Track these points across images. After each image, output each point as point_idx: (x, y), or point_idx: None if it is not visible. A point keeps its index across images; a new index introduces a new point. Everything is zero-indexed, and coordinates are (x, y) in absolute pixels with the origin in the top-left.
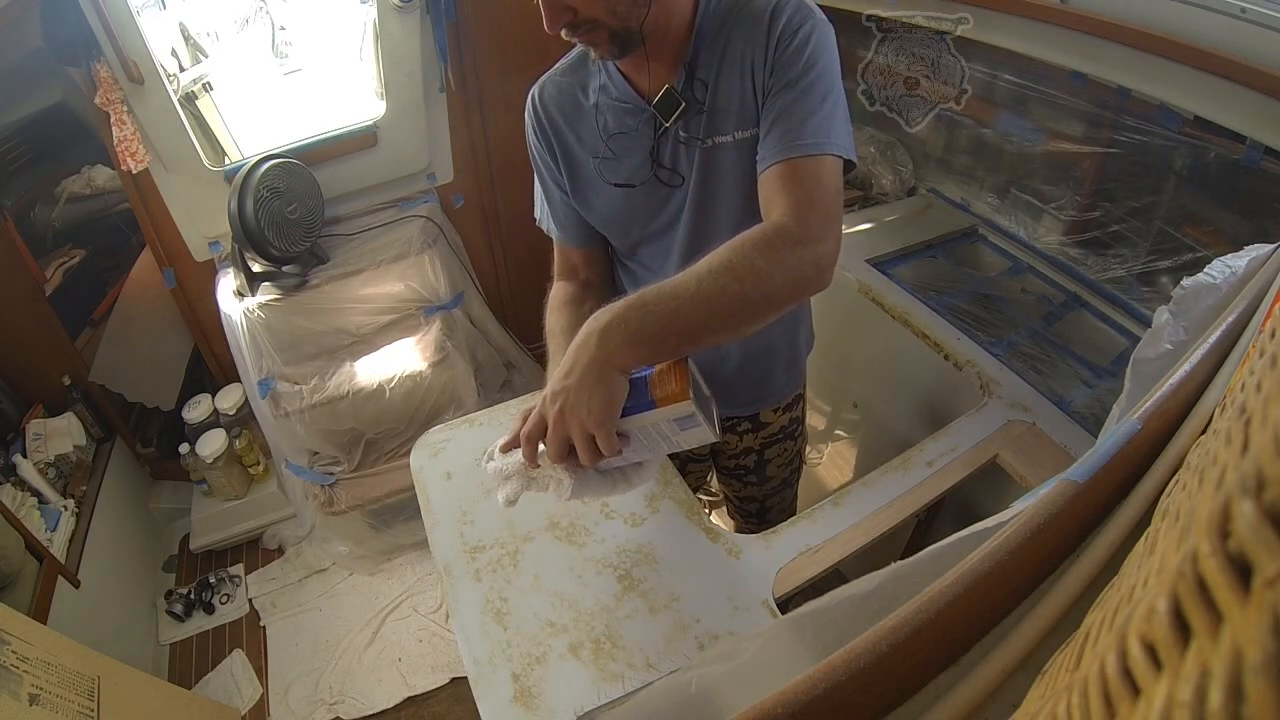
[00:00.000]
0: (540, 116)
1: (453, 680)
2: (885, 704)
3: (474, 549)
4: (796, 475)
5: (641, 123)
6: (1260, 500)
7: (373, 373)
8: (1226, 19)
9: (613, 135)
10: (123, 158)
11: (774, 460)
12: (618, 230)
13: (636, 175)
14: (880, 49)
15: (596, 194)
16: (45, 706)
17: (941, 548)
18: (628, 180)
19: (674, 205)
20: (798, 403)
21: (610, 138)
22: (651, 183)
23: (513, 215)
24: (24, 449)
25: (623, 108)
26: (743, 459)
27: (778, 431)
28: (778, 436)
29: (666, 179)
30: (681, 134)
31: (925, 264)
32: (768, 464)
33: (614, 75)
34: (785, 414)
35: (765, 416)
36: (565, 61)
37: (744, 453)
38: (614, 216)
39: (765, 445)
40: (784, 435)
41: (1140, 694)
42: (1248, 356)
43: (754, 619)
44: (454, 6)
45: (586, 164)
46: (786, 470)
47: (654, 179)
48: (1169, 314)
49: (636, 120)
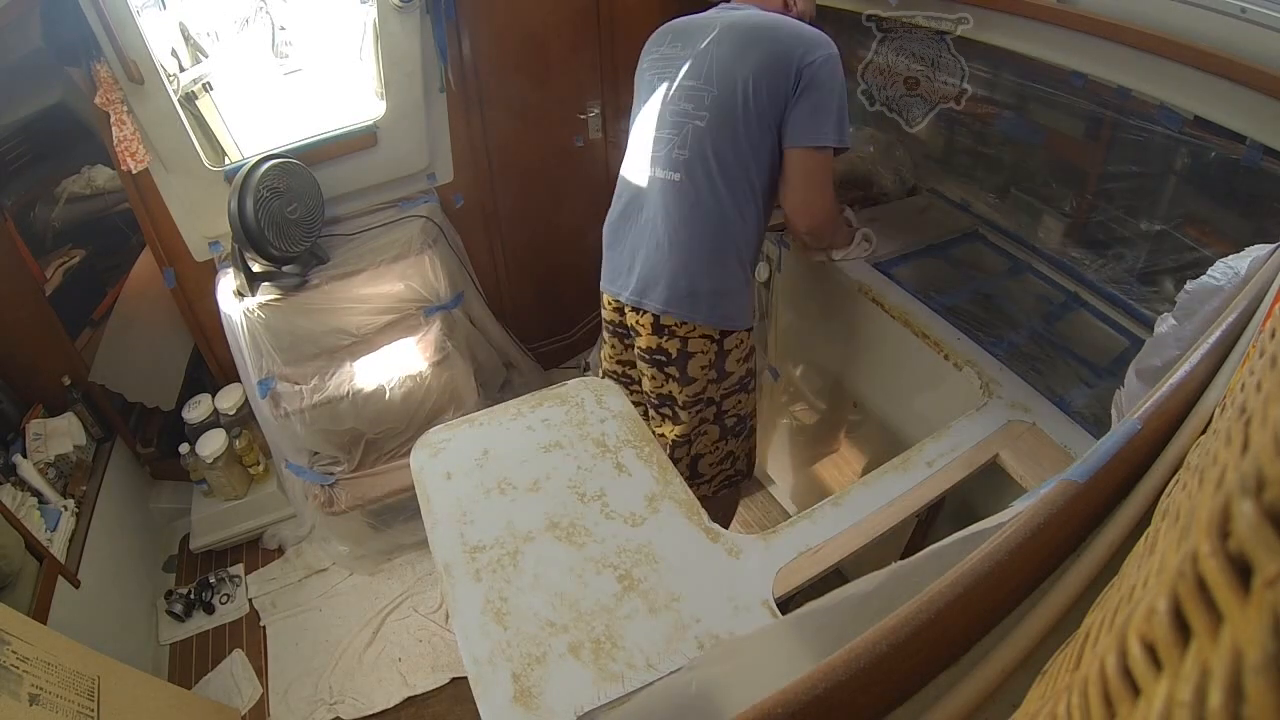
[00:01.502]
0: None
1: (453, 680)
2: (885, 704)
3: (474, 549)
4: (711, 424)
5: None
6: (1260, 500)
7: (373, 373)
8: (1226, 19)
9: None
10: (123, 158)
11: (648, 376)
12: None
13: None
14: (880, 49)
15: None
16: (45, 706)
17: (941, 548)
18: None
19: None
20: (683, 341)
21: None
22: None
23: (513, 215)
24: (24, 449)
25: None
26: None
27: (655, 349)
28: (654, 355)
29: None
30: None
31: (925, 264)
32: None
33: None
34: (668, 338)
35: (665, 320)
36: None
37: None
38: None
39: (643, 355)
40: (657, 360)
41: (1140, 694)
42: (1248, 356)
43: (754, 619)
44: (454, 6)
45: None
46: (664, 399)
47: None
48: (1172, 321)
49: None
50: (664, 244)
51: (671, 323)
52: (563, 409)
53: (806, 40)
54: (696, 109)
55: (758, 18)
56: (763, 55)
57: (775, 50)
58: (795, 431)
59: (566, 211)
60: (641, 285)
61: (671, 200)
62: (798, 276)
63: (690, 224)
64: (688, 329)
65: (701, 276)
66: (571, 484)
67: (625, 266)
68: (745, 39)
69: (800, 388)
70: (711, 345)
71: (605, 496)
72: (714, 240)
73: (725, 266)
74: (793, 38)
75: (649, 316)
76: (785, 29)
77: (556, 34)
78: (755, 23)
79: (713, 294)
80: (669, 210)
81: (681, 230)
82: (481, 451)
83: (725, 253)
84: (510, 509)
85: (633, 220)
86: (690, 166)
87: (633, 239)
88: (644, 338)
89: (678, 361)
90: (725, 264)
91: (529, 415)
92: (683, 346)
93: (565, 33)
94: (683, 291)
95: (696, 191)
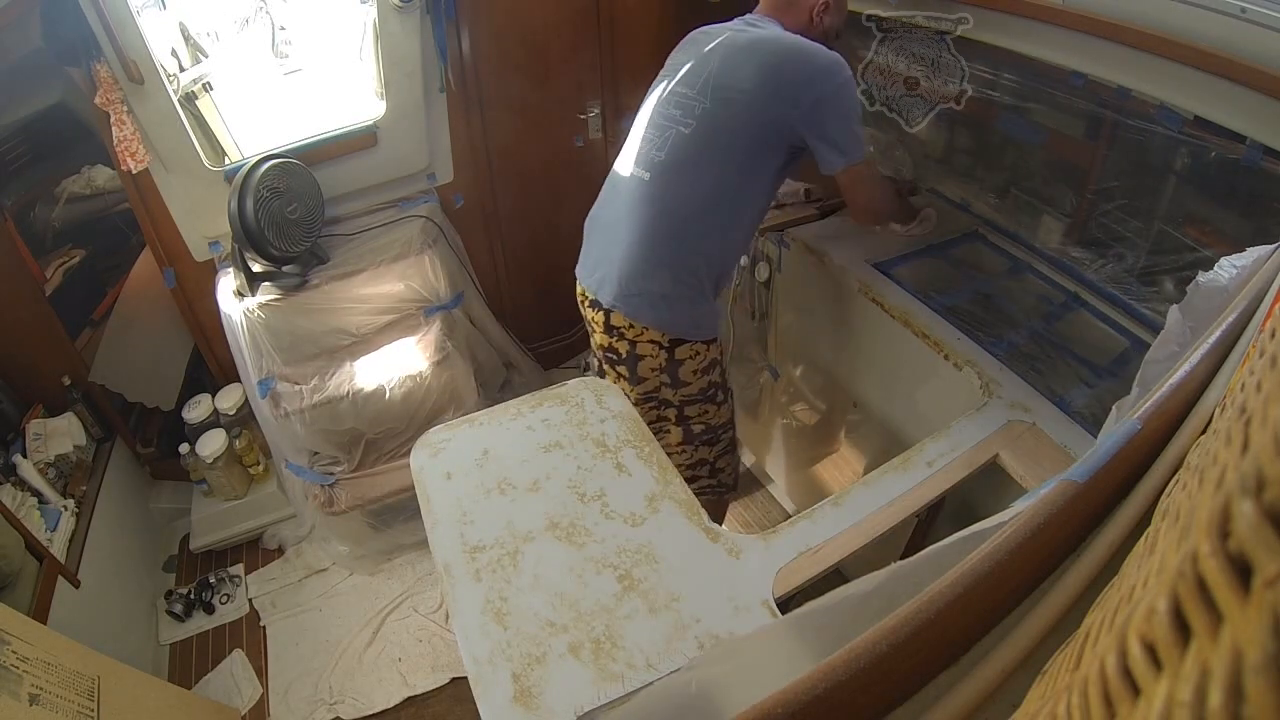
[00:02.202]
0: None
1: (453, 680)
2: (885, 704)
3: (474, 549)
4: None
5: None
6: (1260, 500)
7: (373, 373)
8: (1226, 19)
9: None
10: (123, 158)
11: (607, 371)
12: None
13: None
14: (880, 49)
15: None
16: (45, 706)
17: (941, 548)
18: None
19: None
20: (631, 344)
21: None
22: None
23: (513, 215)
24: (24, 449)
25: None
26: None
27: (607, 348)
28: (606, 352)
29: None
30: None
31: (925, 264)
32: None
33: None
34: (618, 338)
35: (614, 320)
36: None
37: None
38: None
39: (597, 351)
40: (609, 358)
41: (1140, 694)
42: (1248, 356)
43: (754, 619)
44: (454, 6)
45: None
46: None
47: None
48: (1180, 314)
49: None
50: (621, 241)
51: (621, 323)
52: (563, 409)
53: (817, 73)
54: (685, 116)
55: (768, 44)
56: (770, 85)
57: (785, 82)
58: (795, 431)
59: (566, 211)
60: (599, 280)
61: (638, 199)
62: (798, 276)
63: (649, 225)
64: (635, 331)
65: (650, 279)
66: (571, 484)
67: (590, 259)
68: (753, 63)
69: (800, 388)
70: (660, 351)
71: (605, 496)
72: (671, 246)
73: (678, 275)
74: (803, 71)
75: (602, 313)
76: (796, 59)
77: (556, 34)
78: (766, 49)
79: (660, 298)
80: (633, 208)
81: (639, 230)
82: (481, 451)
83: (681, 261)
84: (510, 509)
85: (604, 214)
86: (663, 169)
87: (601, 233)
88: (598, 334)
89: (627, 361)
90: (678, 273)
91: (529, 415)
92: (631, 349)
93: (565, 33)
94: (631, 291)
95: (663, 195)
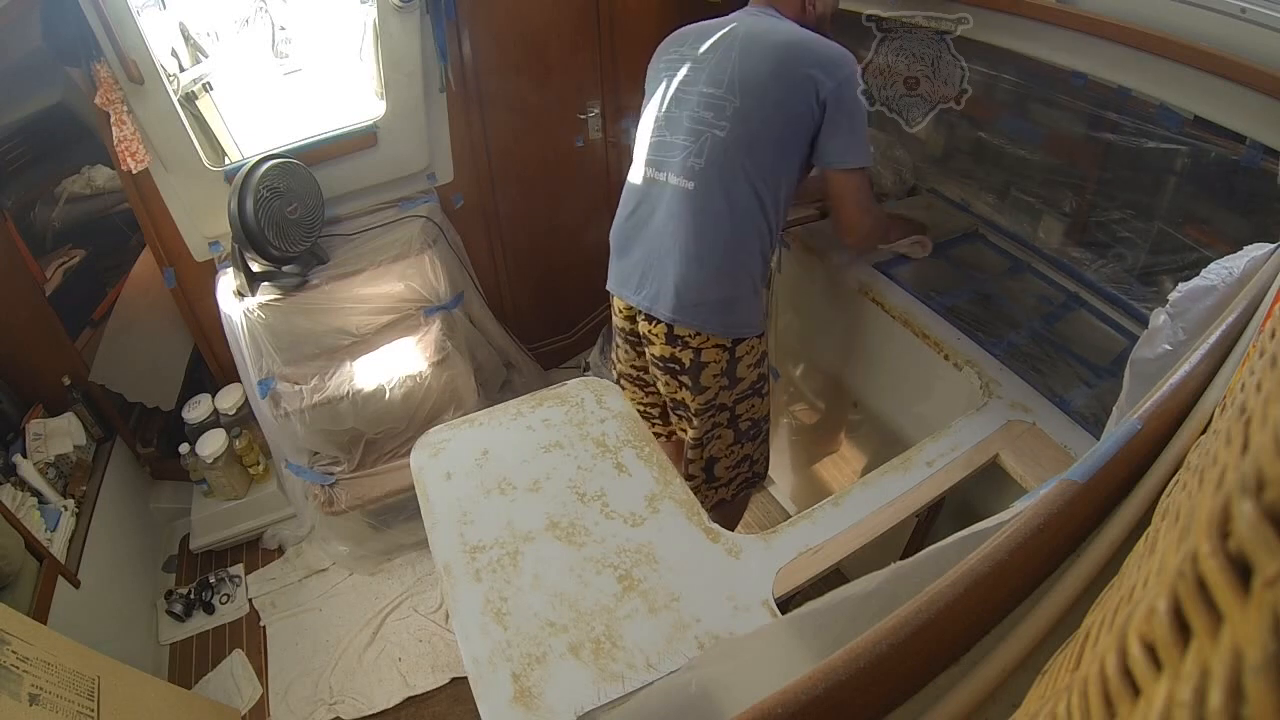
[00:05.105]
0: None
1: (453, 680)
2: (885, 704)
3: (474, 549)
4: (717, 435)
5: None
6: (1260, 500)
7: (373, 373)
8: (1226, 19)
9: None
10: (123, 158)
11: (662, 382)
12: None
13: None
14: (880, 49)
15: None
16: (45, 706)
17: (941, 548)
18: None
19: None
20: (696, 351)
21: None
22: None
23: (513, 215)
24: (24, 449)
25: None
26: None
27: (669, 358)
28: (668, 363)
29: None
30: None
31: (925, 264)
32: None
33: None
34: (682, 348)
35: (678, 330)
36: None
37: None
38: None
39: (656, 363)
40: (671, 368)
41: (1140, 694)
42: (1248, 356)
43: (754, 619)
44: (454, 6)
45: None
46: (678, 404)
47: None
48: (1166, 315)
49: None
50: (675, 253)
51: (685, 333)
52: (563, 409)
53: (828, 62)
54: (717, 118)
55: (779, 35)
56: (788, 77)
57: (800, 73)
58: (795, 431)
59: (566, 211)
60: (654, 293)
61: (685, 209)
62: (798, 276)
63: (703, 235)
64: (701, 339)
65: (711, 287)
66: (571, 484)
67: (637, 273)
68: (770, 56)
69: (800, 388)
70: (724, 354)
71: (605, 496)
72: (726, 251)
73: (735, 277)
74: (815, 60)
75: (662, 326)
76: (807, 50)
77: (556, 34)
78: (778, 40)
79: (721, 304)
80: (683, 219)
81: (694, 241)
82: (481, 451)
83: (736, 264)
84: (510, 509)
85: (644, 226)
86: (706, 176)
87: (643, 245)
88: (657, 346)
89: (690, 371)
90: (736, 275)
91: (529, 415)
92: (696, 357)
93: (565, 33)
94: (691, 302)
95: (711, 202)
